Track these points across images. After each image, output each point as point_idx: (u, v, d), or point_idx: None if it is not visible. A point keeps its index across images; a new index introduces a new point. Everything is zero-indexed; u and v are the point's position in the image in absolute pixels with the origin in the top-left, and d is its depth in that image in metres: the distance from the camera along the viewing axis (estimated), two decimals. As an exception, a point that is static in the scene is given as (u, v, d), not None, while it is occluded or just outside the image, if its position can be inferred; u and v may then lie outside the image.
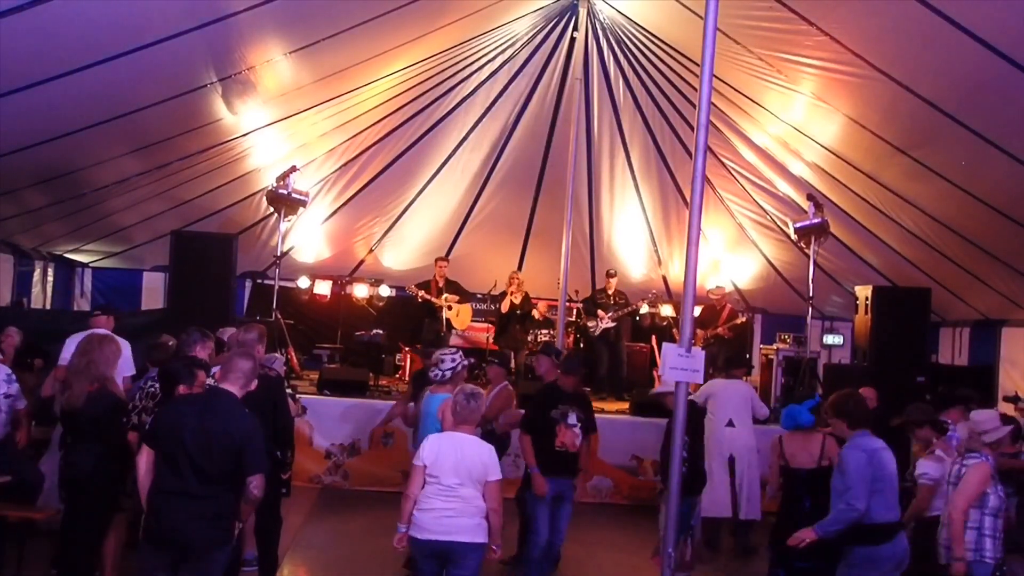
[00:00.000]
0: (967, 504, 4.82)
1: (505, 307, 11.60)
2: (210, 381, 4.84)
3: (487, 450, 4.80)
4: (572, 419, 6.00)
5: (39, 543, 6.03)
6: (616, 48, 11.07)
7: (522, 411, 7.01)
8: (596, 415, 9.90)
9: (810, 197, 10.45)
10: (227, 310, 9.36)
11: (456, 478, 4.67)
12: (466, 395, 4.91)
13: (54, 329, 7.91)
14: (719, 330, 11.55)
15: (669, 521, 5.12)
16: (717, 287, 12.12)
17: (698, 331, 10.75)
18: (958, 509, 4.82)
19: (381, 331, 11.68)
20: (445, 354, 6.07)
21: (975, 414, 5.24)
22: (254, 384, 4.52)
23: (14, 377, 6.25)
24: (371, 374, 10.57)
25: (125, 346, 6.21)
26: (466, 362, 6.09)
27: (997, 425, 5.09)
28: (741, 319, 11.79)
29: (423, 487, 4.71)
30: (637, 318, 12.68)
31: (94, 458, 5.27)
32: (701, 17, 5.54)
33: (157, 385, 5.26)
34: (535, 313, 11.89)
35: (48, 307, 11.56)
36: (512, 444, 7.20)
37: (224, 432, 4.17)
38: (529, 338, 11.69)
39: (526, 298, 11.77)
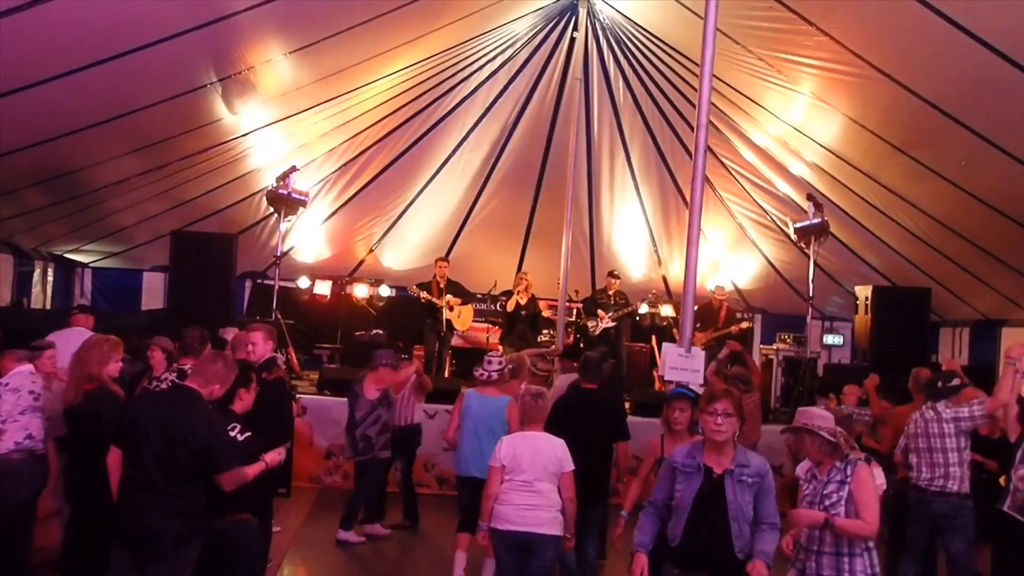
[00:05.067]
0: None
1: (511, 307, 11.59)
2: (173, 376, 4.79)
3: (559, 444, 5.05)
4: None
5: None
6: (616, 48, 11.07)
7: None
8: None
9: (810, 197, 10.44)
10: (227, 310, 9.37)
11: (532, 475, 4.95)
12: (532, 395, 5.25)
13: (54, 330, 7.88)
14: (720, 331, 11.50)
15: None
16: (717, 287, 12.11)
17: (696, 333, 10.68)
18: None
19: (381, 331, 11.67)
20: (493, 356, 6.37)
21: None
22: (218, 388, 4.38)
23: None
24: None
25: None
26: (510, 366, 6.39)
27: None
28: (745, 324, 11.67)
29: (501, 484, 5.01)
30: (637, 318, 12.67)
31: (97, 459, 5.24)
32: (701, 17, 5.57)
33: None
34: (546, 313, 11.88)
35: (48, 307, 11.55)
36: None
37: (189, 430, 4.12)
38: (539, 339, 11.66)
39: (532, 299, 11.74)
